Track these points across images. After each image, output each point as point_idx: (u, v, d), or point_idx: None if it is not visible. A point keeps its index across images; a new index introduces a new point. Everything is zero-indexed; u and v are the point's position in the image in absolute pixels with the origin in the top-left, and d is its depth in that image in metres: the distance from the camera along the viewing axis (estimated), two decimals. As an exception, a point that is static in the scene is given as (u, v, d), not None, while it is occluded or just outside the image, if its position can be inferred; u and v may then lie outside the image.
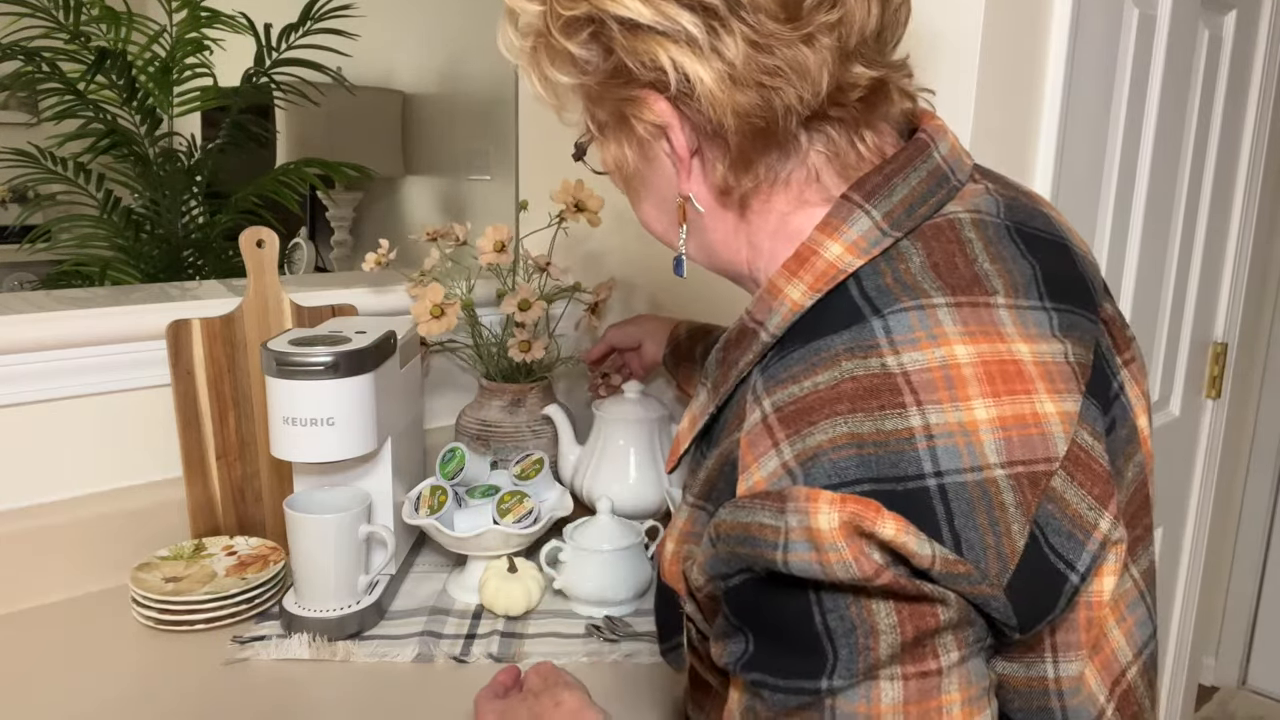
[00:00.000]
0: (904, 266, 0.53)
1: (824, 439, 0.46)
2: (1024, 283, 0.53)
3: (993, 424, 0.47)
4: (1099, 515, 0.48)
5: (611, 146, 0.62)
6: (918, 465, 0.45)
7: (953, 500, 0.45)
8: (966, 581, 0.45)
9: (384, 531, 1.00)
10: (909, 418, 0.46)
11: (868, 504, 0.45)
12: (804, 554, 0.45)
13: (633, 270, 1.41)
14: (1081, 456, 0.48)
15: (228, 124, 2.40)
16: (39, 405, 1.06)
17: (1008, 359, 0.49)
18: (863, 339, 0.49)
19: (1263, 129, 1.60)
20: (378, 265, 1.20)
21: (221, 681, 0.90)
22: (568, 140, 1.61)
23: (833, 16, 0.53)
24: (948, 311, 0.50)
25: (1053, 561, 0.47)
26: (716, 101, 0.53)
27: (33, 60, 2.20)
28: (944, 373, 0.48)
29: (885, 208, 0.55)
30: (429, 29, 2.11)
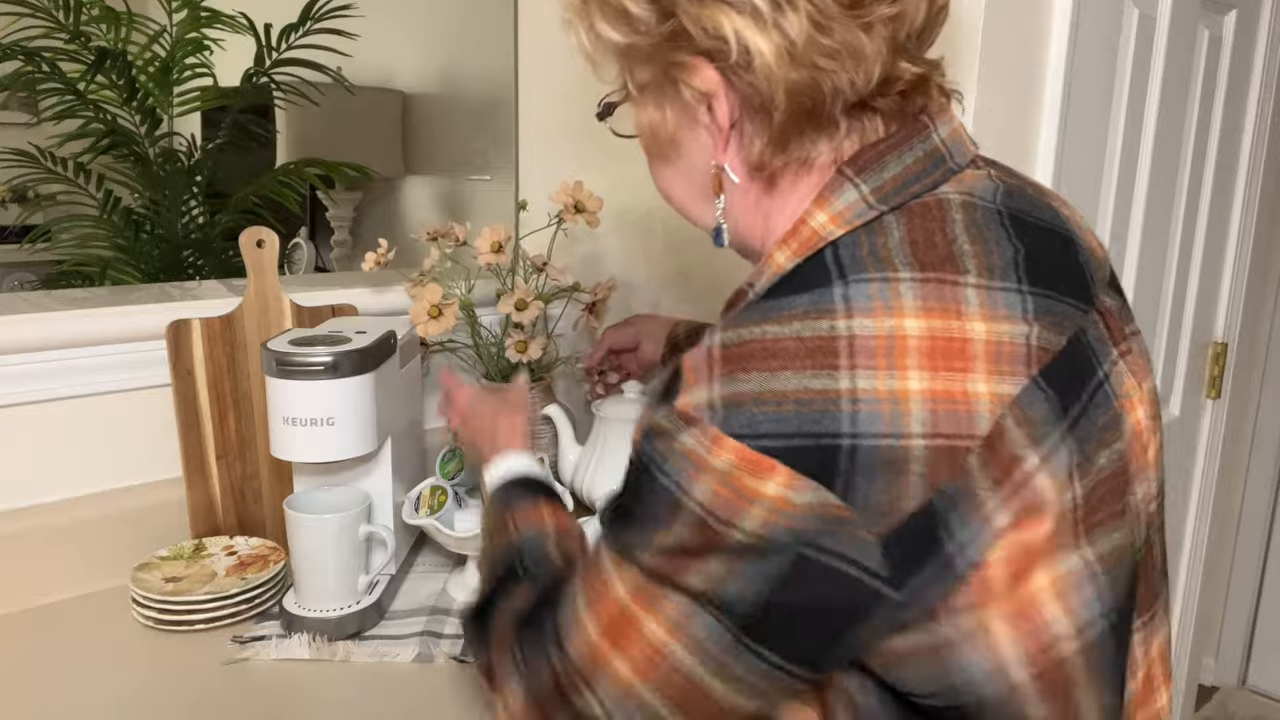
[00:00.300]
0: (882, 240, 0.54)
1: (750, 389, 0.50)
2: (1002, 265, 0.54)
3: (924, 395, 0.49)
4: (989, 496, 0.50)
5: (649, 109, 0.63)
6: (836, 425, 0.48)
7: (860, 461, 0.48)
8: (848, 525, 0.48)
9: (384, 531, 1.00)
10: (838, 379, 0.49)
11: (761, 461, 0.49)
12: (685, 466, 0.50)
13: (632, 270, 1.41)
14: (996, 439, 0.50)
15: (228, 124, 2.40)
16: (39, 405, 1.06)
17: (956, 337, 0.51)
18: (822, 302, 0.52)
19: (1263, 129, 1.60)
20: (377, 265, 1.20)
21: (221, 681, 0.90)
22: (567, 140, 1.62)
23: (892, 10, 0.55)
24: (910, 286, 0.52)
25: (938, 532, 0.49)
26: (772, 76, 0.55)
27: (33, 60, 2.19)
28: (889, 342, 0.50)
29: (875, 183, 0.57)
30: (429, 29, 2.11)
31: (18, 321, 1.03)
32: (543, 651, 0.58)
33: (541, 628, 0.58)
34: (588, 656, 0.55)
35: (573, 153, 1.48)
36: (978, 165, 0.61)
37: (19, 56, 2.18)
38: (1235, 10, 1.44)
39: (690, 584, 0.51)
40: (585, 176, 1.27)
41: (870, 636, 0.51)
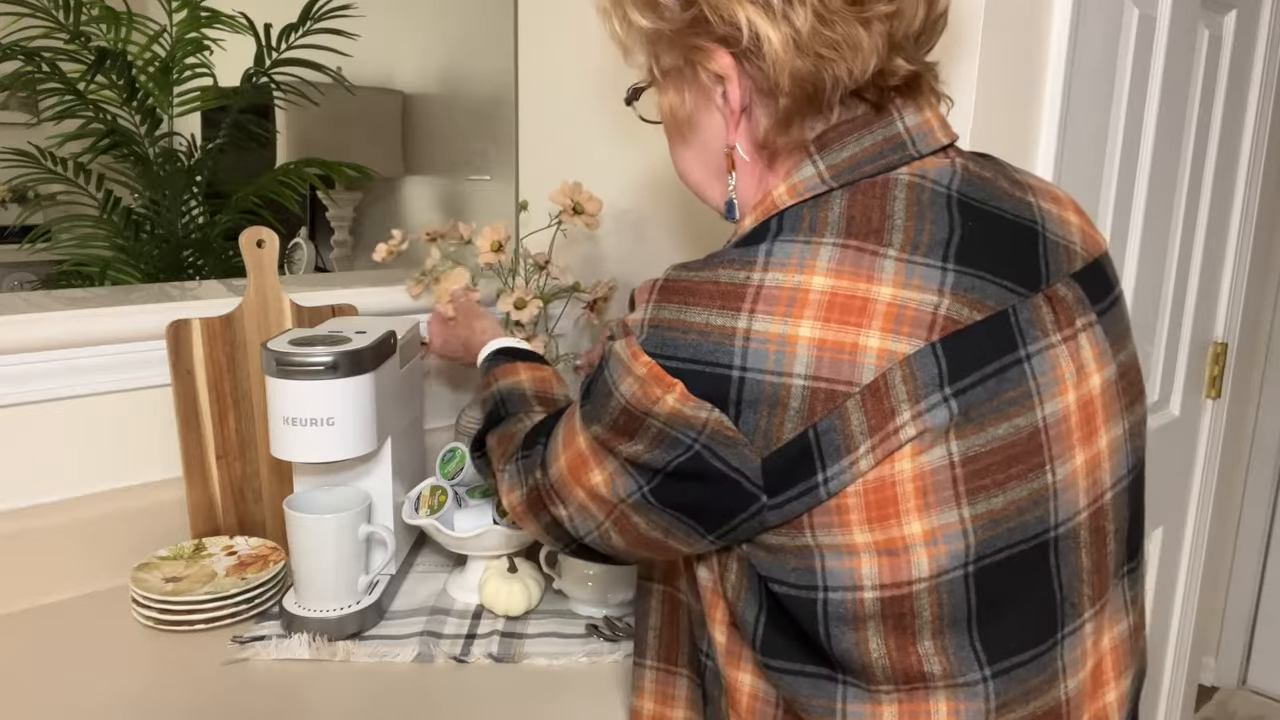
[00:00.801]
0: (823, 214, 0.61)
1: (669, 316, 0.59)
2: (930, 243, 0.60)
3: (812, 343, 0.56)
4: (863, 440, 0.56)
5: (670, 92, 0.69)
6: (729, 358, 0.57)
7: (746, 391, 0.56)
8: (733, 444, 0.57)
9: (384, 531, 1.00)
10: (737, 320, 0.57)
11: (663, 376, 0.58)
12: (618, 366, 0.61)
13: (631, 270, 1.41)
14: (880, 389, 0.56)
15: (228, 124, 2.40)
16: (39, 405, 1.06)
17: (860, 296, 0.57)
18: (746, 255, 0.59)
19: (1263, 129, 1.60)
20: (390, 255, 1.20)
21: (221, 681, 0.90)
22: (567, 140, 1.62)
23: (890, 8, 0.61)
24: (830, 250, 0.58)
25: (813, 459, 0.57)
26: (779, 63, 0.61)
27: (33, 60, 2.20)
28: (791, 294, 0.57)
29: (832, 160, 0.63)
30: (429, 29, 2.11)
31: (18, 321, 1.03)
32: (532, 468, 0.72)
33: (533, 450, 0.73)
34: (559, 480, 0.69)
35: (573, 153, 1.48)
36: (947, 154, 0.65)
37: (19, 56, 2.18)
38: (1235, 10, 1.44)
39: (620, 451, 0.62)
40: (585, 177, 1.27)
41: (746, 526, 0.60)
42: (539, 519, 0.73)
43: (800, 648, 0.63)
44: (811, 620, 0.61)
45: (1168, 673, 1.75)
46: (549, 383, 0.91)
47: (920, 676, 0.61)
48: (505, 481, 0.77)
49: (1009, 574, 0.60)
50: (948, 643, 0.60)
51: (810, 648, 0.63)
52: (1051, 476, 0.61)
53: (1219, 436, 1.71)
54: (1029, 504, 0.60)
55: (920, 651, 0.60)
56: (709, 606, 0.69)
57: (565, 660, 0.95)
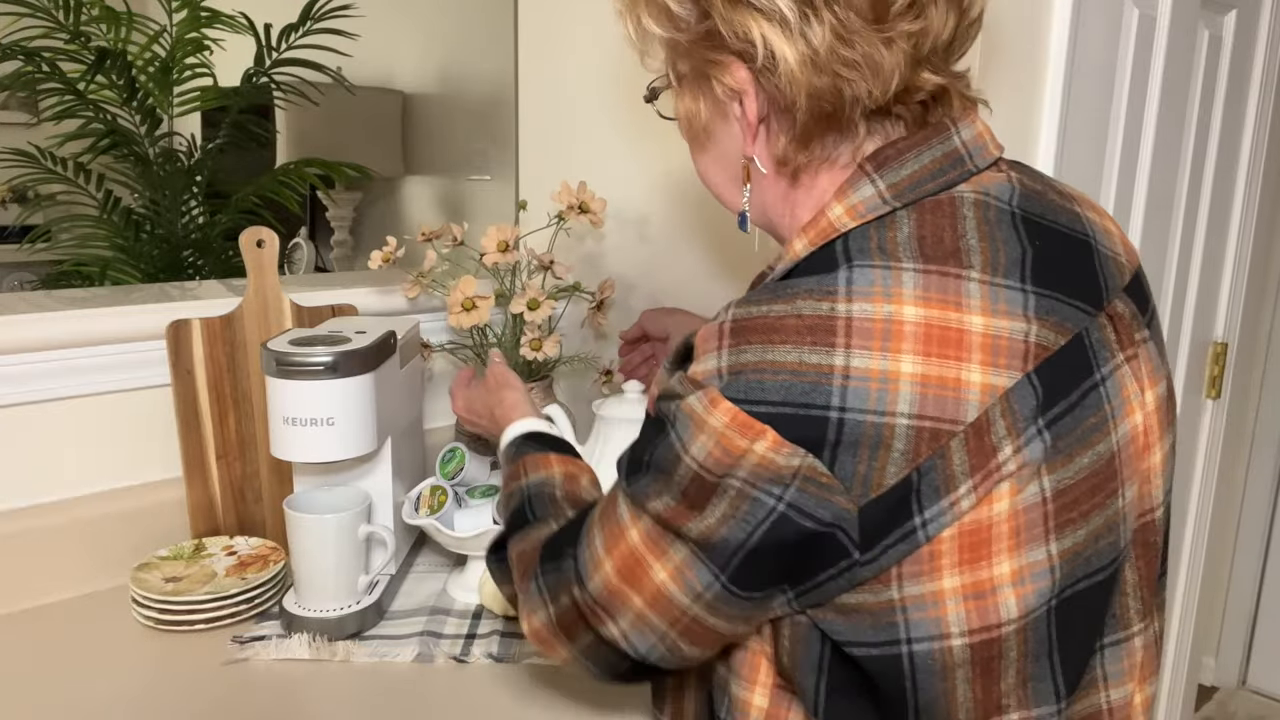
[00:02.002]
0: (891, 234, 0.57)
1: (751, 359, 0.54)
2: (1007, 263, 0.57)
3: (914, 379, 0.52)
4: (964, 479, 0.53)
5: (686, 99, 0.68)
6: (826, 398, 0.52)
7: (846, 432, 0.52)
8: (828, 490, 0.53)
9: (384, 531, 1.00)
10: (833, 356, 0.53)
11: (751, 424, 0.53)
12: (688, 424, 0.56)
13: (631, 270, 1.41)
14: (983, 426, 0.53)
15: (228, 124, 2.40)
16: (39, 405, 1.06)
17: (954, 327, 0.54)
18: (825, 284, 0.55)
19: (1263, 129, 1.60)
20: (385, 262, 1.21)
21: (221, 681, 0.90)
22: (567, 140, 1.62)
23: (915, 26, 0.58)
24: (913, 276, 0.55)
25: (910, 504, 0.53)
26: (795, 81, 0.58)
27: (33, 60, 2.19)
28: (885, 325, 0.53)
29: (892, 179, 0.60)
30: (429, 29, 2.10)
31: (18, 321, 1.03)
32: (565, 584, 0.64)
33: (562, 563, 0.64)
34: (606, 592, 0.61)
35: (572, 153, 1.48)
36: (1000, 168, 0.63)
37: (19, 56, 2.17)
38: (1235, 10, 1.44)
39: (689, 533, 0.56)
40: (585, 176, 1.27)
41: (830, 585, 0.56)
42: (576, 642, 0.64)
43: (873, 708, 0.59)
44: (896, 677, 0.57)
45: (1168, 673, 1.75)
46: (581, 481, 0.80)
47: (997, 710, 0.58)
48: (526, 604, 0.68)
49: (1084, 602, 0.59)
50: (1028, 679, 0.58)
51: (885, 706, 0.58)
52: (1122, 501, 0.60)
53: (1219, 436, 1.71)
54: (1105, 531, 0.59)
55: (1002, 689, 0.58)
56: (744, 666, 0.64)
57: (565, 660, 0.94)
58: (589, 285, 1.32)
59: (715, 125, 0.67)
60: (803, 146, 0.62)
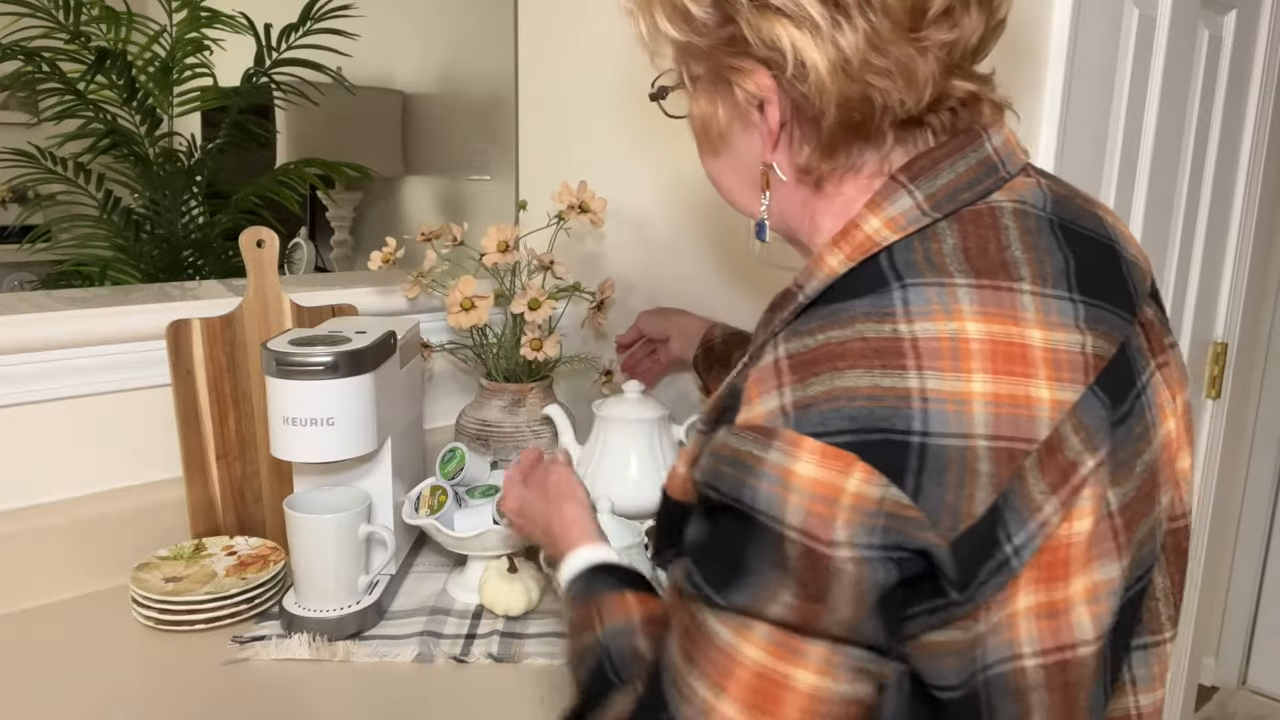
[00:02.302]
0: (936, 246, 0.55)
1: (821, 390, 0.50)
2: (1054, 273, 0.55)
3: (986, 398, 0.50)
4: (1045, 499, 0.51)
5: (701, 102, 0.64)
6: (907, 422, 0.49)
7: (930, 459, 0.48)
8: (914, 526, 0.48)
9: (384, 531, 1.00)
10: (907, 379, 0.49)
11: (841, 455, 0.48)
12: (773, 488, 0.49)
13: (631, 270, 1.41)
14: (1055, 444, 0.51)
15: (228, 124, 2.40)
16: (39, 405, 1.06)
17: (1017, 342, 0.51)
18: (880, 305, 0.52)
19: (1263, 129, 1.60)
20: (385, 263, 1.21)
21: (221, 681, 0.90)
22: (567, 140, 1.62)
23: (950, 35, 0.56)
24: (967, 291, 0.53)
25: (998, 533, 0.50)
26: (824, 90, 0.56)
27: (33, 60, 2.19)
28: (952, 344, 0.50)
29: (929, 189, 0.57)
30: (429, 29, 2.10)
31: (18, 321, 1.03)
32: None
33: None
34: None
35: (572, 153, 1.48)
36: (1028, 173, 0.61)
37: (19, 56, 2.17)
38: (1235, 10, 1.44)
39: (829, 630, 0.49)
40: (585, 176, 1.27)
41: (915, 626, 0.52)
42: None
43: None
44: (973, 710, 0.53)
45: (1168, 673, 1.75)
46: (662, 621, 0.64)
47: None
48: None
49: (1127, 611, 0.58)
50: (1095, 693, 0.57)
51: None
52: (1159, 508, 0.59)
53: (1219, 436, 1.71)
54: (1148, 539, 0.58)
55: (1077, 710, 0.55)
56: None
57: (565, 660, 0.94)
58: (589, 285, 1.32)
59: (732, 130, 0.64)
60: (828, 156, 0.60)
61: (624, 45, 1.36)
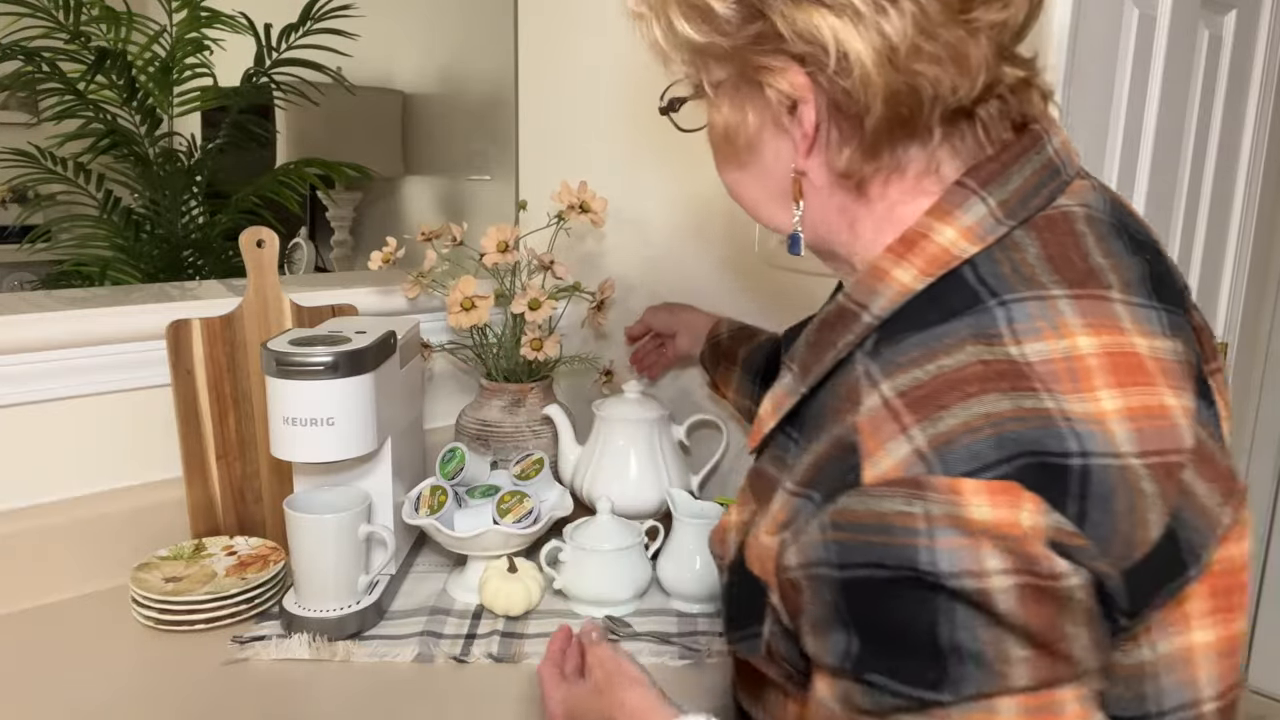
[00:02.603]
0: (1020, 256, 0.52)
1: (957, 423, 0.45)
2: (1134, 279, 0.52)
3: (1121, 414, 0.46)
4: (1223, 510, 0.47)
5: (724, 109, 0.59)
6: (1061, 443, 0.44)
7: (1094, 482, 0.44)
8: (1083, 555, 0.43)
9: (384, 531, 1.00)
10: (1043, 399, 0.45)
11: (1007, 488, 0.43)
12: (952, 542, 0.43)
13: (631, 270, 1.41)
14: (1205, 451, 0.47)
15: (228, 124, 2.40)
16: (39, 405, 1.06)
17: (1129, 351, 0.48)
18: (985, 326, 0.48)
19: (1263, 129, 1.60)
20: (385, 263, 1.21)
21: (221, 681, 0.90)
22: (568, 140, 1.61)
23: (1001, 15, 0.52)
24: (1068, 303, 0.49)
25: (1183, 555, 0.46)
26: (870, 84, 0.51)
27: (33, 60, 2.19)
28: (1067, 364, 0.47)
29: (1000, 196, 0.54)
30: (429, 29, 2.10)
31: (18, 321, 1.03)
32: None
33: None
34: None
35: (572, 153, 1.48)
36: (1082, 175, 0.59)
37: (19, 56, 2.17)
38: (1235, 10, 1.44)
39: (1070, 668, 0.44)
40: (585, 176, 1.27)
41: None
42: None
43: None
44: None
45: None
46: None
47: None
48: None
49: None
50: None
51: None
52: None
53: (1219, 436, 1.71)
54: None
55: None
56: None
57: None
58: (589, 285, 1.32)
59: (760, 137, 0.59)
60: (871, 156, 0.55)
61: (624, 45, 1.36)
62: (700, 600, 1.05)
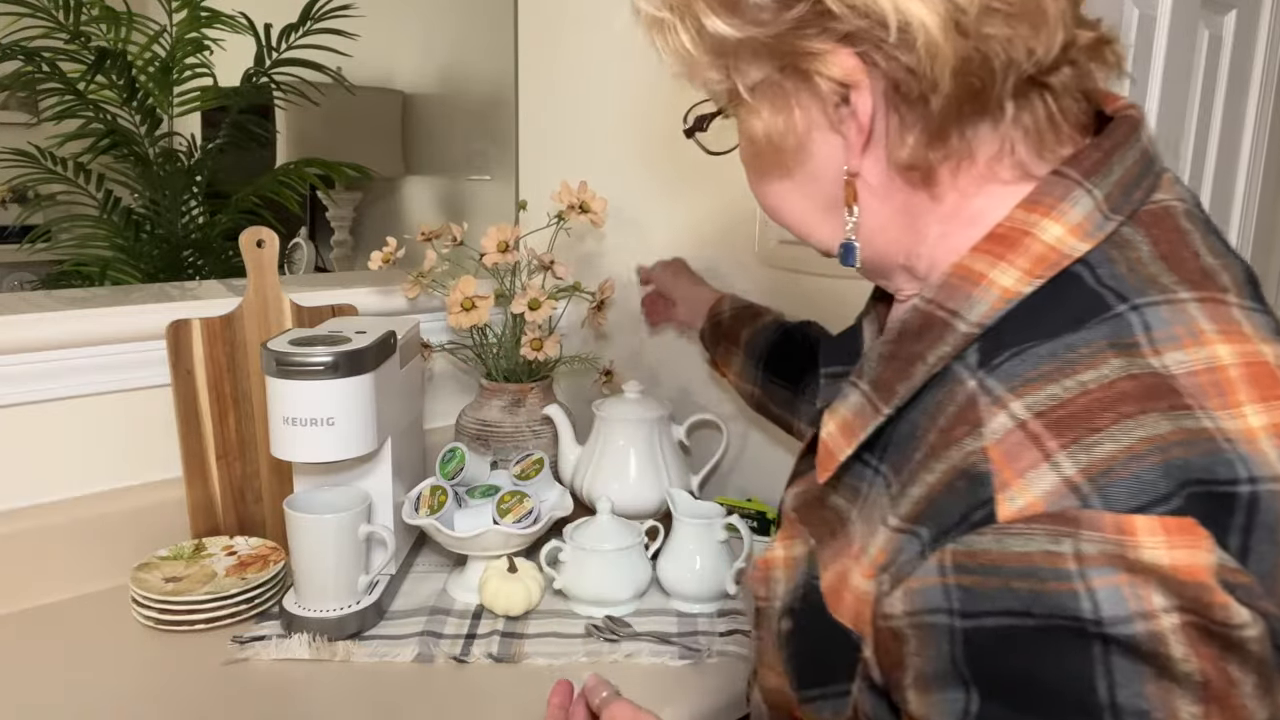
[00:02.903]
0: (1134, 255, 0.46)
1: (1116, 448, 0.40)
2: (1241, 281, 0.48)
3: (1269, 431, 0.41)
4: None
5: (764, 113, 0.53)
6: (1231, 469, 0.39)
7: (1261, 511, 0.39)
8: (1248, 595, 0.38)
9: (384, 531, 1.00)
10: (1199, 419, 0.40)
11: (1185, 526, 0.38)
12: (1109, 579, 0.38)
13: (631, 270, 1.41)
14: None
15: (228, 124, 2.40)
16: (39, 405, 1.06)
17: (1262, 360, 0.43)
18: (1122, 334, 0.43)
19: (1263, 129, 1.60)
20: (385, 263, 1.21)
21: (221, 681, 0.90)
22: (568, 140, 1.61)
23: None
24: (1196, 307, 0.45)
25: None
26: (938, 55, 0.45)
27: (33, 60, 2.19)
28: (1211, 376, 0.42)
29: (1105, 188, 0.48)
30: (429, 29, 2.10)
31: (18, 321, 1.03)
32: None
33: None
34: None
35: (572, 153, 1.48)
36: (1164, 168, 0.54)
37: (19, 56, 2.18)
38: (1235, 10, 1.44)
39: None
40: (585, 176, 1.27)
41: None
42: None
43: None
44: None
45: None
46: None
47: None
48: None
49: None
50: None
51: None
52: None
53: (1219, 436, 1.71)
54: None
55: None
56: None
57: (565, 660, 0.94)
58: (589, 285, 1.32)
59: (811, 138, 0.53)
60: (939, 141, 0.49)
61: (624, 44, 1.36)
62: (700, 600, 1.05)
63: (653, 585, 1.08)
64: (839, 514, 0.55)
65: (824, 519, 0.56)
